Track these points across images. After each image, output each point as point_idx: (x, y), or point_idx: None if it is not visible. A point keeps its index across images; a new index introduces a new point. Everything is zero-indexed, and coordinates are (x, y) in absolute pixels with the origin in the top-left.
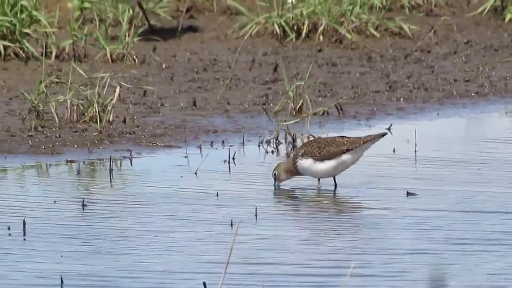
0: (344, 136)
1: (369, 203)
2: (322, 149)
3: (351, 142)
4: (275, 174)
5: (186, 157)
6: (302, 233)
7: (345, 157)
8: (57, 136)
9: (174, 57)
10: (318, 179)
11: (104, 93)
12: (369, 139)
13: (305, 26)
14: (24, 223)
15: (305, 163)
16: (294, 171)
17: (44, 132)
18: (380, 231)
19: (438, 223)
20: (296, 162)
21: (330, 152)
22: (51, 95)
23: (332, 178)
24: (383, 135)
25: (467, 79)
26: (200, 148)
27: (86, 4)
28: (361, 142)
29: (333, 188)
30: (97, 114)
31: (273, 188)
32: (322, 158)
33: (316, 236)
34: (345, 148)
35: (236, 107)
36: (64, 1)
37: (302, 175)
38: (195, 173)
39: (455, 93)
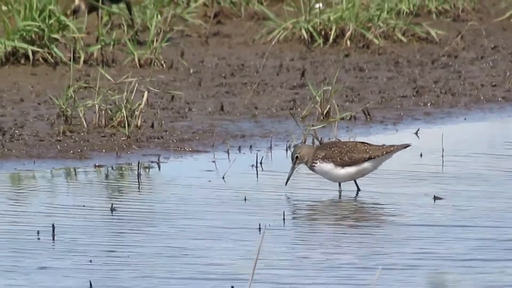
0: (365, 143)
1: (394, 208)
2: (343, 155)
3: (373, 151)
4: (297, 156)
5: (213, 161)
6: (328, 238)
7: (366, 165)
8: (85, 140)
9: (202, 62)
10: (339, 183)
11: (132, 98)
12: (391, 149)
13: (333, 31)
14: (53, 227)
15: (326, 167)
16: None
17: (73, 137)
18: (404, 238)
19: (464, 231)
20: (315, 164)
21: (352, 159)
22: (79, 100)
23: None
24: (406, 146)
25: (494, 84)
26: (228, 153)
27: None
28: (384, 152)
29: (355, 192)
30: (125, 119)
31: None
32: (342, 164)
33: (342, 241)
34: (367, 156)
35: (264, 112)
36: None
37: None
38: (223, 177)
39: (482, 98)
